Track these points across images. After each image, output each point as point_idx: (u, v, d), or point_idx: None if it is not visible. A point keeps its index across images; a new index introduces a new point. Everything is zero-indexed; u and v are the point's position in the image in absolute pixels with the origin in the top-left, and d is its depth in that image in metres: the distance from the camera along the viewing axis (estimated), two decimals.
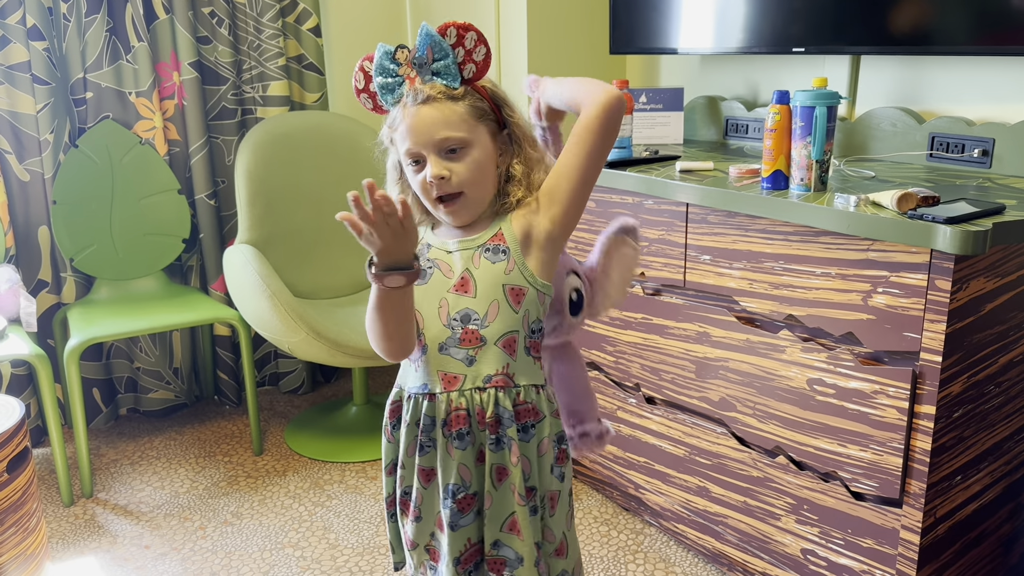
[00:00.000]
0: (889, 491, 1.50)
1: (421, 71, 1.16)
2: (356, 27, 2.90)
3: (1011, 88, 1.79)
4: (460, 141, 1.15)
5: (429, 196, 1.17)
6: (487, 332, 1.18)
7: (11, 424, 1.77)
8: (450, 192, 1.16)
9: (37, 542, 1.86)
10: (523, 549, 1.21)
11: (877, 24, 1.85)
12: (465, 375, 1.18)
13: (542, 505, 1.24)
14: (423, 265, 1.19)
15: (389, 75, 1.17)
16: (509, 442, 1.18)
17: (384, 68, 1.17)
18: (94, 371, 2.64)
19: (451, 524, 1.21)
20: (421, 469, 1.22)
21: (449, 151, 1.15)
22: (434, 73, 1.16)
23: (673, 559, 1.99)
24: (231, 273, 2.46)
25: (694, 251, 1.80)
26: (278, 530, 2.14)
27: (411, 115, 1.15)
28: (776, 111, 1.61)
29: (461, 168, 1.15)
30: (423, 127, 1.14)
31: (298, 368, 2.93)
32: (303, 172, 2.69)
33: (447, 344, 1.19)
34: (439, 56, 1.16)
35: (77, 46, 2.45)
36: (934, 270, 1.37)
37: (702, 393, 1.84)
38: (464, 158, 1.15)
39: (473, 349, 1.18)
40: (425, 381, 1.20)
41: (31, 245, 2.51)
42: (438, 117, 1.14)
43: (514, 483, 1.18)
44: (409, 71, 1.17)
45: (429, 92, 1.15)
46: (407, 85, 1.17)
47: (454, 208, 1.18)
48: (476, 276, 1.18)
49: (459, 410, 1.18)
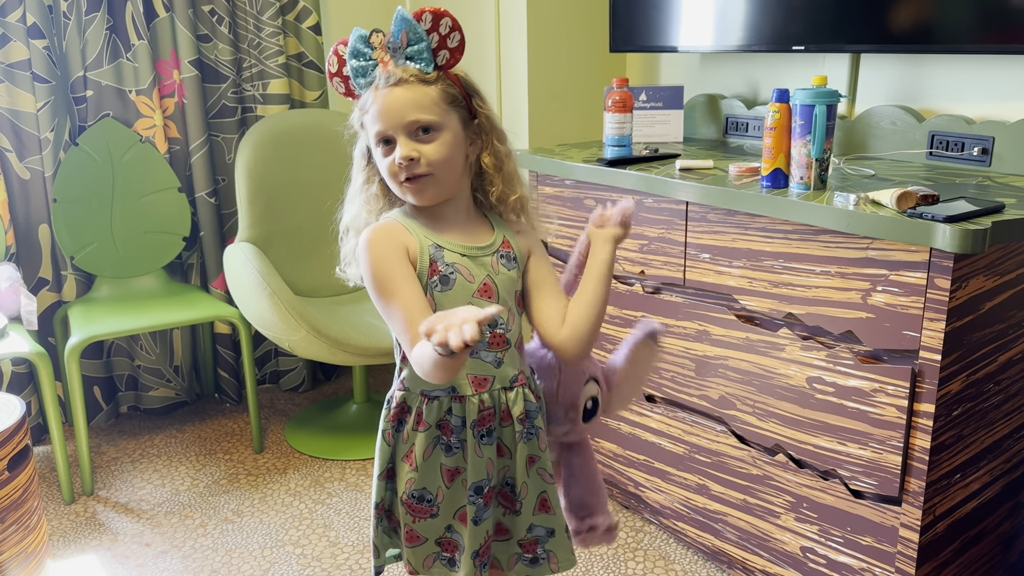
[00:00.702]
0: (888, 489, 1.50)
1: (395, 55, 1.16)
2: (356, 24, 2.89)
3: (1011, 86, 1.79)
4: (431, 123, 1.15)
5: (396, 179, 1.17)
6: (510, 335, 1.23)
7: (12, 422, 1.77)
8: (418, 173, 1.15)
9: (38, 540, 1.87)
10: (554, 523, 1.29)
11: (877, 22, 1.85)
12: (494, 376, 1.23)
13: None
14: (444, 271, 1.19)
15: (363, 58, 1.17)
16: (537, 431, 1.26)
17: (358, 51, 1.17)
18: (95, 369, 2.64)
19: (475, 519, 1.25)
20: (447, 469, 1.24)
21: (420, 131, 1.15)
22: (407, 58, 1.16)
23: (673, 557, 1.99)
24: (231, 271, 2.46)
25: (694, 249, 1.80)
26: (279, 528, 2.14)
27: (382, 97, 1.15)
28: (776, 109, 1.61)
29: (430, 150, 1.15)
30: (394, 108, 1.14)
31: (298, 366, 2.93)
32: (303, 170, 2.69)
33: (478, 348, 1.21)
34: (413, 40, 1.16)
35: (77, 44, 2.45)
36: (933, 269, 1.37)
37: (702, 391, 1.84)
38: (434, 140, 1.16)
39: (501, 352, 1.23)
40: (452, 384, 1.22)
41: (32, 243, 2.51)
42: (409, 99, 1.14)
43: (543, 467, 1.27)
44: (383, 55, 1.17)
45: (401, 75, 1.15)
46: (380, 68, 1.17)
47: (419, 186, 1.17)
48: (497, 282, 1.21)
49: (488, 409, 1.23)
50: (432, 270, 1.18)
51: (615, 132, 2.05)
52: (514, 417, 1.24)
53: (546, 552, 1.31)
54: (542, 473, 1.27)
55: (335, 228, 1.33)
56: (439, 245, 1.19)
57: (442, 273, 1.18)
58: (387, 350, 2.35)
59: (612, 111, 2.04)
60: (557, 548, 1.31)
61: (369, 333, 2.38)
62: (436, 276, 1.19)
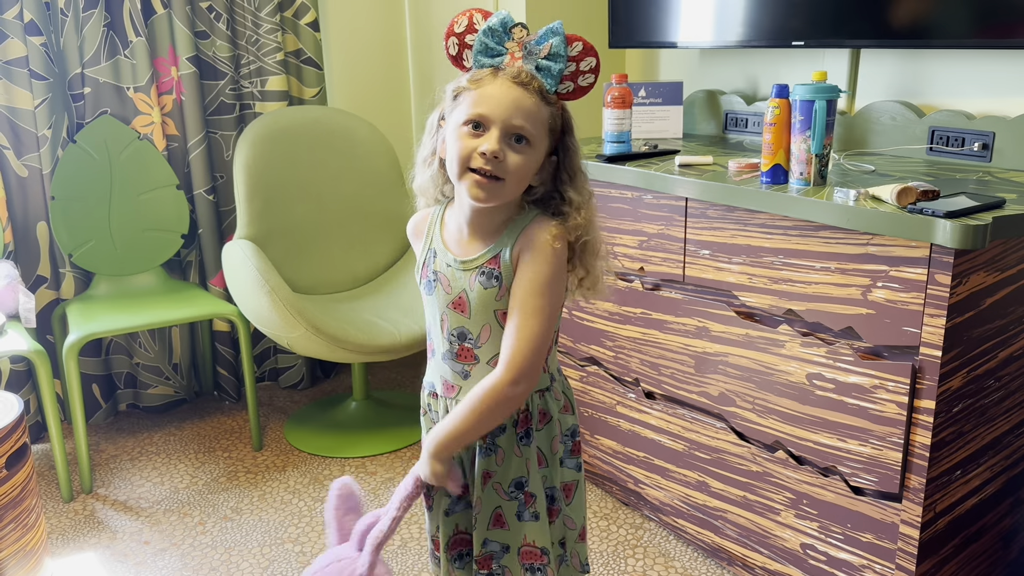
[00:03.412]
0: (889, 486, 1.50)
1: (527, 57, 1.15)
2: (354, 21, 2.89)
3: (1011, 81, 1.79)
4: (529, 136, 1.13)
5: (466, 164, 1.13)
6: (480, 352, 1.22)
7: (9, 420, 1.77)
8: (495, 174, 1.12)
9: (36, 538, 1.86)
10: (508, 539, 1.27)
11: (877, 17, 1.84)
12: (461, 387, 1.24)
13: (556, 497, 1.30)
14: (430, 276, 1.22)
15: (497, 41, 1.15)
16: (497, 449, 1.24)
17: (495, 33, 1.15)
18: (93, 367, 2.64)
19: (447, 510, 1.29)
20: None
21: (514, 138, 1.13)
22: (537, 67, 1.15)
23: (672, 554, 1.99)
24: (230, 268, 2.45)
25: (693, 246, 1.80)
26: (278, 525, 2.14)
27: (501, 86, 1.12)
28: (775, 105, 1.60)
29: (515, 159, 1.13)
30: (507, 102, 1.11)
31: (297, 363, 2.93)
32: (302, 167, 2.68)
33: (446, 355, 1.25)
34: (553, 57, 1.15)
35: (75, 41, 2.45)
36: (934, 264, 1.36)
37: (701, 388, 1.84)
38: (522, 152, 1.13)
39: (468, 365, 1.23)
40: (433, 380, 1.29)
41: (29, 241, 2.50)
42: (524, 104, 1.12)
43: (499, 481, 1.25)
44: (516, 50, 1.15)
45: (530, 80, 1.13)
46: (507, 59, 1.15)
47: (487, 186, 1.13)
48: (471, 298, 1.20)
49: None
50: (424, 272, 1.25)
51: (614, 128, 2.04)
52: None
53: (501, 568, 1.28)
54: (497, 488, 1.25)
55: (333, 226, 1.34)
56: (435, 251, 1.23)
57: (428, 278, 1.23)
58: (386, 347, 2.35)
59: (611, 107, 2.03)
60: (512, 564, 1.28)
61: (368, 330, 2.38)
62: (425, 279, 1.24)
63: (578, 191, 1.19)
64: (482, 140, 1.11)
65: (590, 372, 2.15)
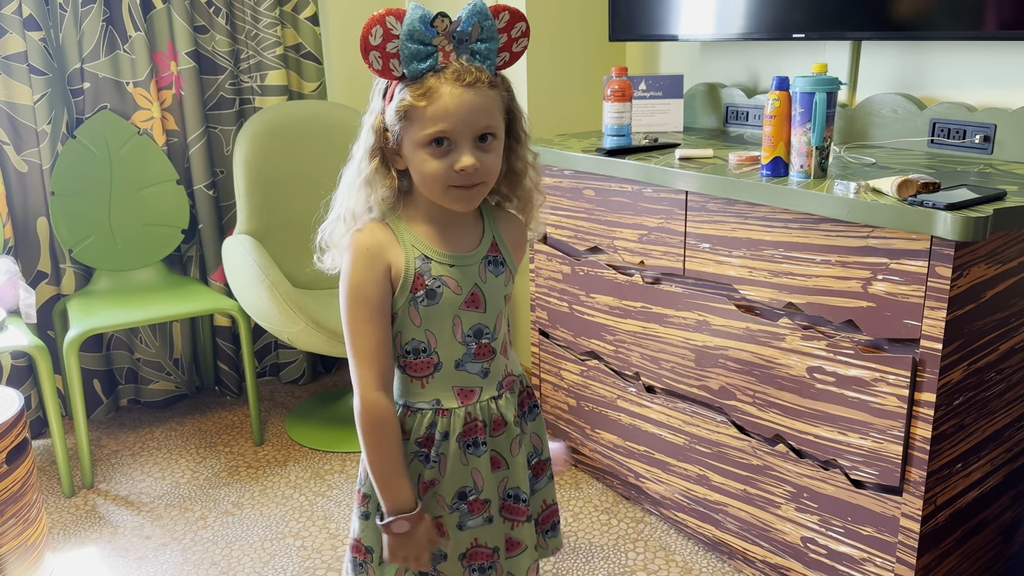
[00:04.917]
0: (889, 479, 1.49)
1: (459, 47, 1.06)
2: (354, 15, 2.89)
3: (1013, 73, 1.78)
4: (493, 130, 1.09)
5: (444, 183, 1.08)
6: (495, 344, 1.20)
7: (10, 415, 1.77)
8: (476, 182, 1.09)
9: (37, 533, 1.87)
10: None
11: (878, 10, 1.84)
12: (481, 387, 1.20)
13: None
14: (431, 284, 1.13)
15: (423, 42, 1.05)
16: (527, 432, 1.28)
17: (418, 33, 1.04)
18: (94, 362, 2.64)
19: (459, 524, 1.22)
20: (423, 481, 1.20)
21: (480, 139, 1.08)
22: (472, 52, 1.07)
23: (673, 547, 1.99)
24: (230, 263, 2.45)
25: (693, 239, 1.79)
26: (279, 520, 2.14)
27: (451, 95, 1.04)
28: (776, 97, 1.60)
29: (489, 158, 1.09)
30: (465, 111, 1.05)
31: (298, 358, 2.93)
32: (302, 162, 2.68)
33: (463, 360, 1.18)
34: (484, 38, 1.07)
35: (74, 36, 2.44)
36: (934, 257, 1.36)
37: (702, 382, 1.83)
38: (492, 148, 1.09)
39: (487, 362, 1.19)
40: (437, 397, 1.19)
41: (30, 236, 2.50)
42: (481, 104, 1.06)
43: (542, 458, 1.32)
44: (445, 43, 1.06)
45: (477, 75, 1.06)
46: (440, 58, 1.06)
47: (472, 194, 1.10)
48: (485, 291, 1.16)
49: (475, 421, 1.19)
50: (417, 284, 1.13)
51: (614, 121, 2.04)
52: (508, 421, 1.21)
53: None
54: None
55: None
56: (427, 256, 1.13)
57: (428, 287, 1.13)
58: None
59: (611, 100, 2.02)
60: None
61: None
62: (422, 291, 1.13)
63: (529, 151, 1.18)
64: (453, 156, 1.06)
65: (590, 366, 2.15)
